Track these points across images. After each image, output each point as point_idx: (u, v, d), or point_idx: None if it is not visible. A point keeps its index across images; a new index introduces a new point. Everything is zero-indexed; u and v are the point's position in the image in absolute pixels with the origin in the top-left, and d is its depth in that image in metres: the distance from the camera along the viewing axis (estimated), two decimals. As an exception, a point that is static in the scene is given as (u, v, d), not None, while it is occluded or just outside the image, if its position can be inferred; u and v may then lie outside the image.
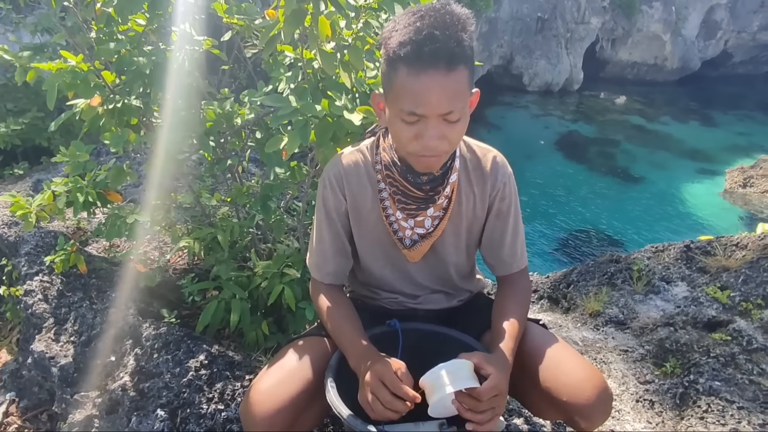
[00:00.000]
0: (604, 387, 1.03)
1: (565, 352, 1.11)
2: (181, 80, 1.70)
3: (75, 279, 2.11)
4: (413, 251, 1.20)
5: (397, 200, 1.15)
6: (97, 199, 1.87)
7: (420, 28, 0.91)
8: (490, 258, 1.24)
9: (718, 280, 2.12)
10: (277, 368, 1.10)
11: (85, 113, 1.61)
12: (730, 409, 1.53)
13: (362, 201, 1.18)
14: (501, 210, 1.19)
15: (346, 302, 1.20)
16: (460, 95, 0.95)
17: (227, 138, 1.77)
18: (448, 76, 0.92)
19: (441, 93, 0.93)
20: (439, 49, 0.91)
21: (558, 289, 2.44)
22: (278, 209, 2.08)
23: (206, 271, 2.28)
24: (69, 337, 1.92)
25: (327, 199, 1.19)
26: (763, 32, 19.55)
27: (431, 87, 0.93)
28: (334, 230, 1.20)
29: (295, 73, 1.38)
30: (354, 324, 1.13)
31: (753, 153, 12.47)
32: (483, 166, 1.17)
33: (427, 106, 0.94)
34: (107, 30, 1.71)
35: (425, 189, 1.13)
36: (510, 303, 1.16)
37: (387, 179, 1.15)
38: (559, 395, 1.03)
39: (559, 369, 1.06)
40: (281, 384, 1.05)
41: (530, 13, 15.56)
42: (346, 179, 1.17)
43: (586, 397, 1.01)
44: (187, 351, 1.78)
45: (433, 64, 0.91)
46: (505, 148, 1.29)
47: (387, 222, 1.18)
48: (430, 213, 1.15)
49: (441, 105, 0.94)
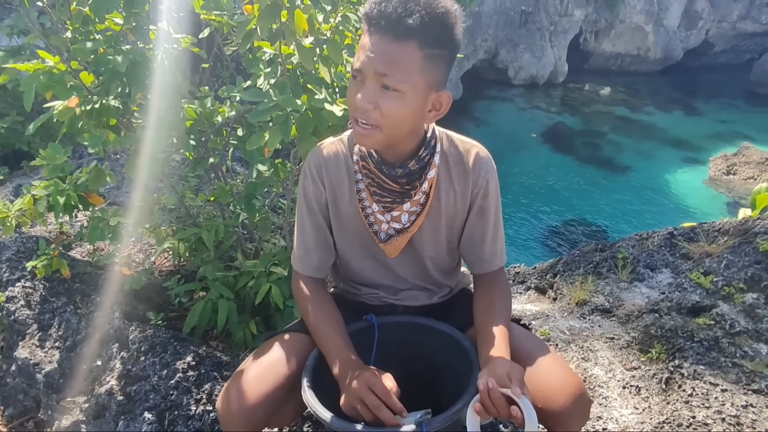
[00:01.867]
0: (580, 393, 1.01)
1: (544, 356, 1.09)
2: (160, 79, 1.68)
3: (58, 284, 2.09)
4: (389, 246, 1.19)
5: (372, 192, 1.14)
6: (79, 202, 1.85)
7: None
8: (470, 255, 1.23)
9: (701, 265, 2.14)
10: (256, 364, 1.10)
11: (61, 114, 1.58)
12: (714, 392, 1.56)
13: (340, 192, 1.17)
14: (483, 207, 1.17)
15: (329, 301, 1.19)
16: (403, 68, 0.94)
17: (209, 137, 1.75)
18: (392, 44, 0.92)
19: (380, 53, 0.93)
20: (389, 12, 0.91)
21: (545, 279, 2.46)
22: (263, 207, 2.07)
23: (192, 271, 2.26)
24: (53, 342, 1.90)
25: (307, 190, 1.17)
26: (742, 21, 19.78)
27: (374, 45, 0.94)
28: (315, 221, 1.19)
29: (274, 68, 1.37)
30: (337, 328, 1.12)
31: (735, 141, 12.64)
32: (465, 162, 1.15)
33: (365, 60, 0.95)
34: (83, 30, 1.69)
35: (401, 182, 1.12)
36: (497, 305, 1.14)
37: (363, 170, 1.14)
38: (534, 401, 0.98)
39: (535, 374, 1.05)
40: (259, 379, 1.05)
41: (514, 7, 15.59)
42: (326, 169, 1.16)
43: (561, 404, 0.99)
44: (174, 353, 1.76)
45: (379, 29, 0.93)
46: (491, 141, 1.29)
47: (363, 215, 1.17)
48: (407, 208, 1.14)
49: (376, 62, 0.94)
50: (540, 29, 16.20)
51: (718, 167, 10.94)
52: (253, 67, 1.53)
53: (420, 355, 1.21)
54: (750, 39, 20.50)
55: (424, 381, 1.22)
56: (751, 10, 19.62)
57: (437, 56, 0.96)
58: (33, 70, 1.60)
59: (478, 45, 15.19)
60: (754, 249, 2.06)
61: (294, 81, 1.37)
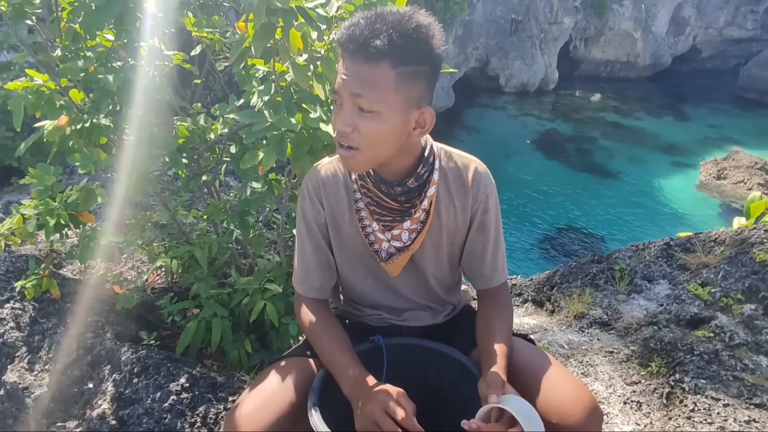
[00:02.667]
0: (593, 407, 1.00)
1: (554, 370, 1.08)
2: (151, 96, 1.66)
3: (48, 304, 2.04)
4: (390, 264, 1.17)
5: (372, 211, 1.13)
6: (69, 221, 1.81)
7: (352, 23, 0.94)
8: (471, 272, 1.22)
9: (698, 276, 2.14)
10: (258, 391, 1.06)
11: (51, 134, 1.56)
12: (716, 407, 1.54)
13: (339, 211, 1.16)
14: (483, 223, 1.17)
15: (334, 321, 1.16)
16: (377, 88, 0.94)
17: (201, 154, 1.73)
18: (364, 65, 0.93)
19: (353, 75, 0.94)
20: (356, 42, 0.92)
21: (542, 292, 2.45)
22: (257, 223, 2.04)
23: (186, 289, 2.23)
24: (43, 365, 1.85)
25: (306, 210, 1.16)
26: (729, 27, 20.05)
27: (347, 68, 0.94)
28: (315, 242, 1.17)
29: (268, 86, 1.35)
30: (345, 347, 1.09)
31: (725, 145, 12.75)
32: (464, 177, 1.14)
33: (340, 83, 0.96)
34: (73, 47, 1.67)
35: (400, 200, 1.10)
36: (496, 321, 1.13)
37: (362, 189, 1.12)
38: (548, 417, 0.99)
39: (547, 389, 1.04)
40: (262, 408, 1.02)
41: (504, 15, 15.71)
42: (324, 189, 1.15)
43: (576, 419, 0.98)
44: (167, 374, 1.73)
45: (351, 53, 0.93)
46: (484, 148, 1.28)
47: (363, 233, 1.16)
48: (407, 226, 1.13)
49: (350, 84, 0.94)
50: (530, 37, 16.33)
51: (709, 172, 11.03)
52: (246, 84, 1.51)
53: (426, 379, 1.19)
54: (736, 45, 20.77)
55: (429, 405, 1.20)
56: (737, 16, 19.90)
57: (413, 73, 0.95)
58: (21, 88, 1.58)
59: (469, 53, 15.28)
60: (750, 259, 2.06)
61: (288, 98, 1.35)
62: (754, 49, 19.64)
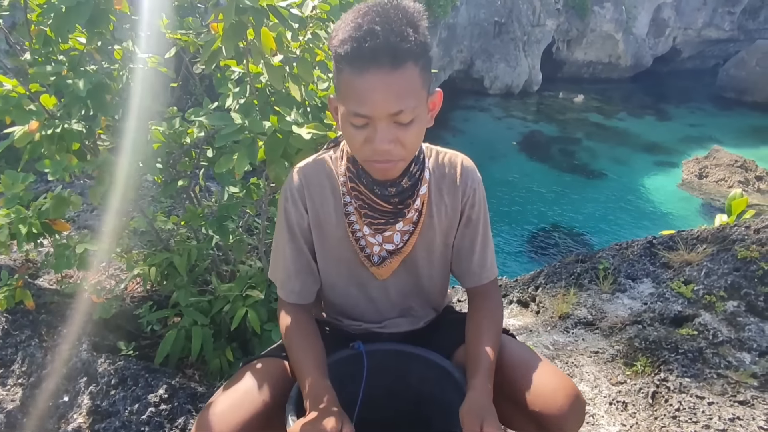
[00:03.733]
0: (576, 395, 1.01)
1: (535, 361, 1.08)
2: (126, 100, 1.62)
3: (22, 316, 1.99)
4: (382, 268, 1.14)
5: (363, 215, 1.09)
6: (43, 230, 1.76)
7: (360, 24, 0.87)
8: (459, 269, 1.19)
9: (681, 274, 2.14)
10: (231, 391, 1.03)
11: (20, 140, 1.51)
12: (700, 405, 1.54)
13: (325, 215, 1.11)
14: (471, 218, 1.14)
15: (311, 330, 1.12)
16: (411, 93, 0.90)
17: (177, 159, 1.69)
18: (392, 74, 0.87)
19: (386, 91, 0.87)
20: (380, 45, 0.85)
21: (526, 292, 2.44)
22: (237, 229, 2.01)
23: (166, 297, 2.18)
24: (17, 379, 1.80)
25: (289, 213, 1.11)
26: (707, 29, 20.39)
27: (375, 85, 0.87)
28: (296, 246, 1.13)
29: (243, 88, 1.32)
30: (313, 360, 1.05)
31: (706, 144, 12.95)
32: (453, 173, 1.12)
33: (372, 106, 0.89)
34: (44, 51, 1.62)
35: (393, 202, 1.07)
36: (485, 322, 1.11)
37: (352, 192, 1.08)
38: (532, 406, 1.00)
39: (530, 379, 1.04)
40: (233, 408, 0.99)
41: (487, 18, 15.81)
42: (308, 191, 1.10)
43: (558, 406, 0.99)
44: (145, 385, 1.68)
45: (374, 61, 0.86)
46: (469, 150, 1.26)
47: (353, 238, 1.12)
48: (399, 227, 1.10)
49: (387, 104, 0.88)
50: (514, 39, 16.45)
51: (691, 170, 11.18)
52: (221, 86, 1.48)
53: (408, 385, 1.16)
54: (715, 45, 21.14)
55: (411, 411, 1.18)
56: (714, 17, 20.26)
57: (427, 60, 0.93)
58: (-11, 94, 1.53)
59: (453, 56, 15.34)
60: (732, 256, 2.07)
61: (264, 100, 1.32)
62: (732, 49, 20.01)
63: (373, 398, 1.10)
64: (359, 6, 0.91)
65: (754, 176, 10.40)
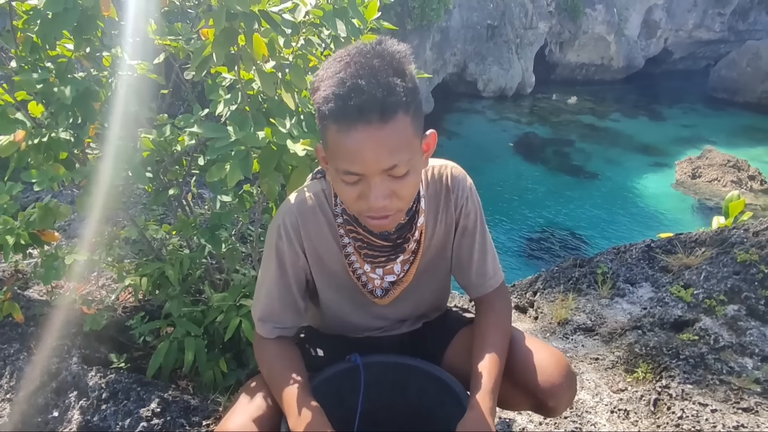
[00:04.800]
0: (567, 365, 1.06)
1: (528, 341, 1.12)
2: (115, 108, 1.59)
3: (10, 329, 1.94)
4: (384, 299, 1.13)
5: (363, 254, 1.06)
6: (31, 241, 1.72)
7: (344, 80, 0.81)
8: (462, 280, 1.17)
9: (680, 278, 2.12)
10: (242, 409, 1.02)
11: (5, 150, 1.47)
12: (703, 412, 1.51)
13: (324, 252, 1.08)
14: (466, 227, 1.12)
15: (293, 353, 1.09)
16: (404, 146, 0.85)
17: (168, 167, 1.66)
18: (383, 129, 0.82)
19: (378, 148, 0.83)
20: (367, 101, 0.80)
21: (525, 298, 2.41)
22: (230, 238, 1.97)
23: (158, 307, 2.14)
24: (4, 394, 1.75)
25: (281, 251, 1.06)
26: (698, 30, 20.53)
27: (365, 143, 0.82)
28: (285, 285, 1.08)
29: (234, 95, 1.29)
30: (298, 378, 1.01)
31: (699, 144, 13.02)
32: (443, 188, 1.09)
33: (364, 163, 0.84)
34: (30, 58, 1.58)
35: (393, 238, 1.05)
36: (490, 331, 1.09)
37: (350, 234, 1.05)
38: (526, 379, 1.05)
39: (522, 356, 1.08)
40: (249, 425, 0.98)
41: (480, 21, 15.84)
42: (304, 229, 1.06)
43: (555, 378, 1.03)
44: (137, 399, 1.65)
45: (362, 118, 0.81)
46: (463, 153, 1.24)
47: (354, 276, 1.10)
48: (400, 260, 1.08)
49: (380, 161, 0.84)
50: (506, 42, 16.49)
51: (684, 171, 11.23)
52: (213, 93, 1.45)
53: (406, 398, 1.14)
54: (706, 46, 21.28)
55: (409, 424, 1.15)
56: (705, 19, 20.40)
57: (417, 105, 0.88)
58: (-28, 103, 1.49)
59: (447, 59, 15.36)
60: (732, 259, 2.05)
61: (256, 108, 1.29)
62: (723, 50, 20.14)
63: (371, 413, 1.08)
64: (340, 54, 0.86)
65: (746, 176, 10.45)
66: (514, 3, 16.31)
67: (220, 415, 1.63)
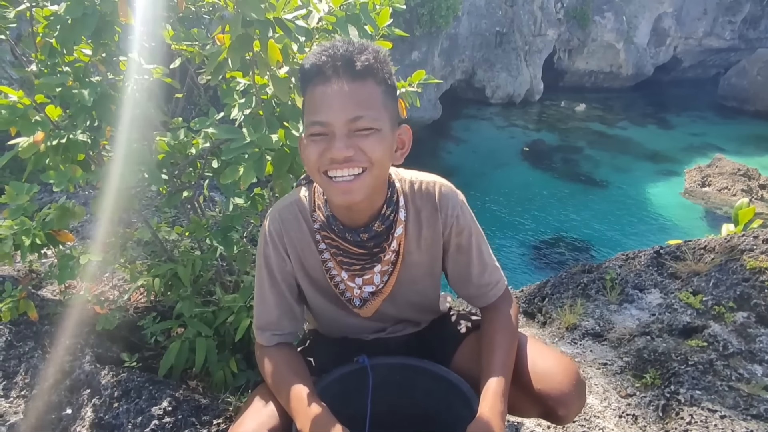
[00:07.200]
0: (577, 372, 1.06)
1: (536, 346, 1.12)
2: (130, 111, 1.62)
3: (25, 327, 1.97)
4: (364, 309, 1.14)
5: (340, 261, 1.08)
6: (47, 241, 1.75)
7: (325, 48, 0.92)
8: (463, 293, 1.19)
9: (689, 285, 2.12)
10: (251, 416, 1.04)
11: (25, 151, 1.51)
12: (712, 419, 1.51)
13: (306, 259, 1.11)
14: (461, 244, 1.12)
15: (295, 358, 1.11)
16: (370, 104, 0.91)
17: (182, 169, 1.69)
18: (352, 83, 0.90)
19: (345, 97, 0.90)
20: (340, 56, 0.90)
21: (533, 303, 2.42)
22: (241, 239, 2.00)
23: (170, 307, 2.17)
24: (19, 391, 1.78)
25: (269, 258, 1.09)
26: (708, 38, 20.46)
27: (334, 93, 0.90)
28: (277, 291, 1.11)
29: (248, 99, 1.32)
30: (302, 380, 1.03)
31: (708, 152, 12.94)
32: (430, 204, 1.10)
33: (329, 110, 0.90)
34: (49, 62, 1.62)
35: (368, 246, 1.06)
36: (497, 336, 1.10)
37: (325, 240, 1.08)
38: (536, 387, 1.05)
39: (532, 363, 1.08)
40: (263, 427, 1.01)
41: (489, 28, 15.88)
42: (287, 235, 1.09)
43: (564, 385, 1.03)
44: (149, 398, 1.67)
45: (335, 73, 0.90)
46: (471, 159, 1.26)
47: (332, 283, 1.11)
48: (378, 269, 1.09)
49: (346, 109, 0.90)
50: (515, 49, 16.51)
51: (693, 179, 11.16)
52: (227, 97, 1.48)
53: (414, 399, 1.15)
54: (716, 54, 21.18)
55: (415, 426, 1.16)
56: (715, 27, 20.33)
57: (392, 90, 0.96)
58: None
59: (455, 66, 15.40)
60: (741, 266, 2.05)
61: (269, 112, 1.32)
62: (733, 58, 20.05)
63: (377, 415, 1.09)
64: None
65: (757, 185, 10.37)
66: (523, 10, 16.34)
67: (230, 415, 1.65)
